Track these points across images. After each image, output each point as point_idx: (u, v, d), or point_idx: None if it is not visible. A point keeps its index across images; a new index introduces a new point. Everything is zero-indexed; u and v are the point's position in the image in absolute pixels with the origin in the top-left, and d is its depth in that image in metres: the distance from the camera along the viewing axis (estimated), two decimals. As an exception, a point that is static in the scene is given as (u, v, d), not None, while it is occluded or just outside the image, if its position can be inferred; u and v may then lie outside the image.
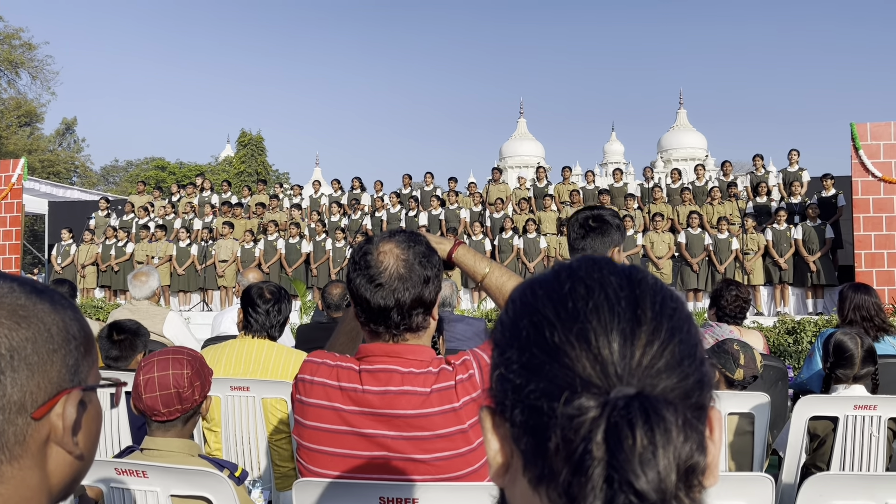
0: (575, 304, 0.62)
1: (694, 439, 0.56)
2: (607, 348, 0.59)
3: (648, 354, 0.59)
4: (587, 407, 0.56)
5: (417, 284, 1.56)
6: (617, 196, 13.36)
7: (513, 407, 0.62)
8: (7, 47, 34.10)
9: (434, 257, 1.62)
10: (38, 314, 0.79)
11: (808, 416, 2.79)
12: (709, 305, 4.17)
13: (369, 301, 1.56)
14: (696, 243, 11.49)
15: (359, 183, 14.87)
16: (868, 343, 2.93)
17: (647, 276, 0.66)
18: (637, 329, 0.60)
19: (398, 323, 1.57)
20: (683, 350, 0.61)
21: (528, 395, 0.60)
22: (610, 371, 0.58)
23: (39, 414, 0.76)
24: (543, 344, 0.61)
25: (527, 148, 60.31)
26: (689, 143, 58.17)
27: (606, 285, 0.63)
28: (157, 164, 48.03)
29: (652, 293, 0.64)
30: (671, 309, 0.63)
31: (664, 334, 0.60)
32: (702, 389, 0.61)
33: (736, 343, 2.94)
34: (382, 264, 1.56)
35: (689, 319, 0.64)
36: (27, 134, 37.70)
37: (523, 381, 0.61)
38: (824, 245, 10.94)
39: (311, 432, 1.60)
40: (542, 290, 0.66)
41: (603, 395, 0.57)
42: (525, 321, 0.64)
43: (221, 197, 15.33)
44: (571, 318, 0.61)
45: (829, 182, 11.67)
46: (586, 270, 0.66)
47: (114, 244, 13.76)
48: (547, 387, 0.59)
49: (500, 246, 12.30)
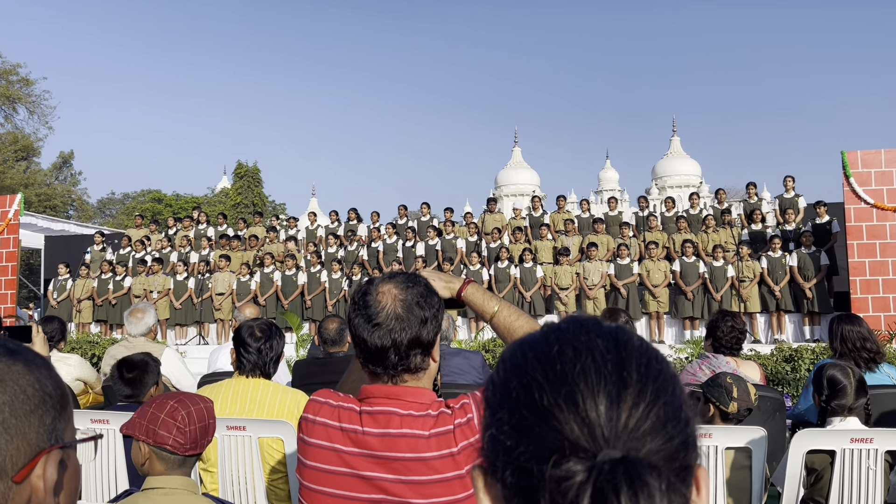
0: (563, 367, 0.64)
1: (677, 503, 0.57)
2: (594, 411, 0.60)
3: (634, 416, 0.61)
4: (575, 471, 0.58)
5: (415, 325, 1.57)
6: (612, 224, 13.41)
7: (503, 468, 0.63)
8: (4, 83, 34.33)
9: (433, 298, 1.64)
10: (13, 376, 0.78)
11: (806, 451, 2.78)
12: (705, 336, 4.18)
13: (366, 341, 1.58)
14: (691, 271, 11.52)
15: (355, 214, 14.92)
16: (859, 374, 2.94)
17: (632, 337, 0.68)
18: (623, 392, 0.62)
19: (396, 364, 1.58)
20: (668, 412, 0.62)
21: (519, 456, 0.61)
22: (597, 434, 0.60)
23: (20, 477, 0.76)
24: (533, 406, 0.63)
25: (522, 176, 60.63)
26: (684, 170, 58.58)
27: (593, 348, 0.65)
28: (153, 197, 48.08)
29: (637, 355, 0.65)
30: (656, 371, 0.65)
31: (649, 396, 0.62)
32: (686, 450, 0.62)
33: (729, 376, 2.94)
34: (380, 304, 1.58)
35: (674, 380, 0.66)
36: (24, 168, 37.81)
37: (514, 443, 0.62)
38: (819, 272, 10.98)
39: (311, 472, 1.61)
40: (531, 352, 0.67)
41: (590, 459, 0.58)
42: (515, 382, 0.66)
43: (218, 230, 15.35)
44: (560, 381, 0.63)
45: (822, 209, 11.75)
46: (574, 332, 0.68)
47: (110, 278, 13.72)
48: (536, 449, 0.61)
49: (497, 275, 12.31)
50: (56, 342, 5.07)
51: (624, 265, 11.81)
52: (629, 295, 11.65)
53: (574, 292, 12.04)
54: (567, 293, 11.95)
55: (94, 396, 5.28)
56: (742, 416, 2.90)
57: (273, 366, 3.15)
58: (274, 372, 3.19)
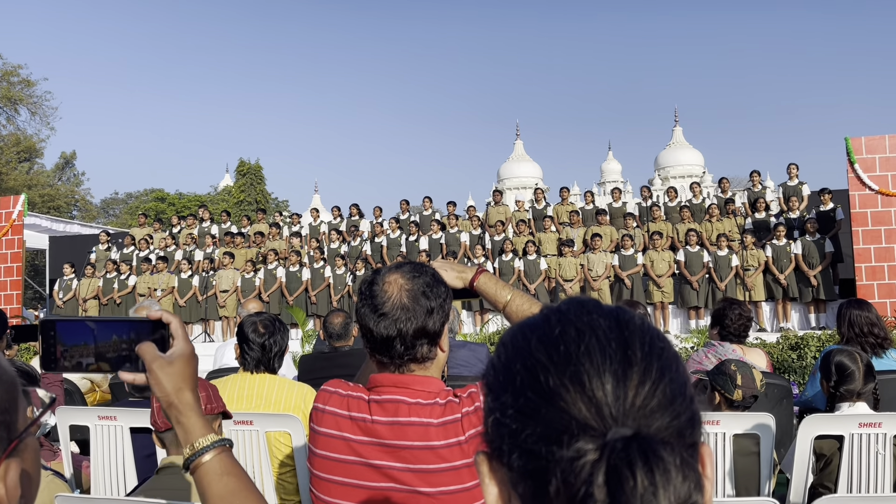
0: (567, 348, 0.63)
1: (692, 478, 0.57)
2: (601, 390, 0.60)
3: (641, 394, 0.60)
4: (586, 450, 0.57)
5: (420, 315, 1.57)
6: (616, 216, 13.39)
7: (510, 452, 0.62)
8: (6, 84, 34.37)
9: (439, 288, 1.63)
10: None
11: (814, 436, 2.78)
12: (711, 325, 4.17)
13: (373, 331, 1.58)
14: (695, 261, 11.50)
15: (357, 210, 14.92)
16: (866, 359, 2.93)
17: (633, 317, 0.68)
18: (629, 370, 0.61)
19: (402, 353, 1.58)
20: (674, 389, 0.62)
21: (526, 439, 0.61)
22: (605, 413, 0.59)
23: None
24: (538, 388, 0.62)
25: (525, 169, 60.53)
26: (686, 160, 58.42)
27: (596, 328, 0.64)
28: (156, 196, 48.20)
29: (640, 333, 0.65)
30: (659, 349, 0.64)
31: (655, 374, 0.62)
32: (693, 427, 0.62)
33: (734, 363, 2.93)
34: (386, 294, 1.58)
35: (676, 358, 0.66)
36: (27, 169, 37.88)
37: (520, 426, 0.62)
38: (824, 259, 10.95)
39: (321, 461, 1.61)
40: (533, 334, 0.66)
41: (600, 438, 0.58)
42: (518, 365, 0.65)
43: (221, 227, 15.37)
44: (564, 362, 0.62)
45: (826, 196, 11.71)
46: (575, 314, 0.67)
47: (115, 277, 13.77)
48: (544, 431, 0.60)
49: (501, 268, 12.31)
50: (62, 341, 5.09)
51: (628, 256, 11.79)
52: (633, 285, 11.64)
53: (579, 284, 12.02)
54: (571, 285, 11.94)
55: (102, 394, 5.30)
56: (748, 404, 2.89)
57: (277, 360, 3.15)
58: (279, 366, 3.19)
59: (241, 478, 1.08)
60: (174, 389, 1.08)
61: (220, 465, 1.07)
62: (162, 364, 1.08)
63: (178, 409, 1.09)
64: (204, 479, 1.07)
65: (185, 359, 1.11)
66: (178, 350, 1.11)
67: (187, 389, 1.10)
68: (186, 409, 1.09)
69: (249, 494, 1.06)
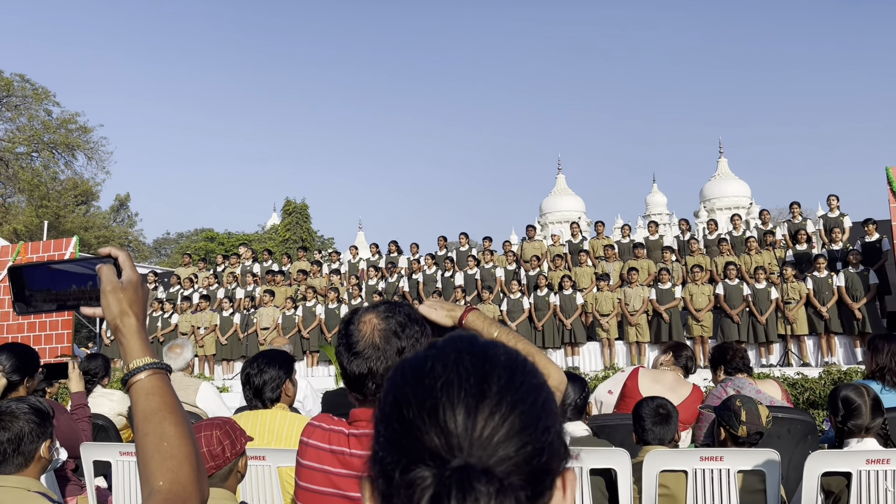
0: (431, 382, 0.69)
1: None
2: (453, 421, 0.66)
3: (490, 426, 0.66)
4: (423, 477, 0.64)
5: (391, 354, 1.64)
6: (653, 249, 13.27)
7: (377, 477, 0.69)
8: (64, 131, 35.94)
9: (412, 328, 1.69)
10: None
11: (820, 473, 2.73)
12: (712, 370, 4.20)
13: (346, 369, 1.66)
14: (734, 294, 11.30)
15: (395, 247, 15.11)
16: (874, 393, 2.88)
17: (501, 351, 0.73)
18: (481, 403, 0.67)
19: (374, 391, 1.64)
20: (525, 420, 0.67)
21: (386, 465, 0.68)
22: (453, 443, 0.65)
23: None
24: (401, 419, 0.69)
25: (567, 203, 60.20)
26: (732, 191, 57.34)
27: (460, 362, 0.70)
28: (206, 236, 49.34)
29: (502, 368, 0.70)
30: (518, 382, 0.70)
31: (505, 407, 0.67)
32: (541, 456, 0.67)
33: (739, 399, 2.92)
34: (360, 332, 1.66)
35: (537, 390, 0.71)
36: (84, 212, 39.35)
37: (385, 454, 0.69)
38: (869, 291, 10.65)
39: (303, 493, 1.69)
40: (409, 370, 0.73)
41: (443, 467, 0.65)
42: (390, 398, 0.72)
43: (263, 266, 15.71)
44: (426, 395, 0.69)
45: (871, 227, 11.42)
46: (448, 349, 0.73)
47: (160, 316, 14.16)
48: (398, 458, 0.67)
49: (537, 303, 12.27)
50: (100, 378, 5.27)
51: (665, 290, 11.65)
52: (672, 320, 11.48)
53: (616, 318, 11.91)
54: (608, 319, 11.84)
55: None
56: (754, 440, 2.86)
57: (272, 392, 3.16)
58: (275, 399, 3.19)
59: (165, 398, 1.16)
60: (120, 313, 1.18)
61: (150, 384, 1.16)
62: (115, 287, 1.19)
63: (122, 333, 1.19)
64: (134, 396, 1.16)
65: (133, 285, 1.22)
66: (126, 277, 1.22)
67: (132, 315, 1.20)
68: (129, 332, 1.19)
69: (168, 414, 1.14)
